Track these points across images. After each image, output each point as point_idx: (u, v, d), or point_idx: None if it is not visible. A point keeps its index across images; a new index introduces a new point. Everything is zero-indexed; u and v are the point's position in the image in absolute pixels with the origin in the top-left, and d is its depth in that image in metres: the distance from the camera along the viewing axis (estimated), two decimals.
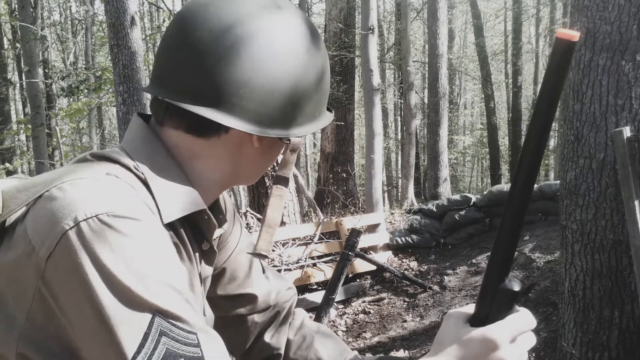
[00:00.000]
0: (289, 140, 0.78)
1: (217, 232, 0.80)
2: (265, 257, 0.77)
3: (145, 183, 0.70)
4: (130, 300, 0.58)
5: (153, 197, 0.69)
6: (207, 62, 0.70)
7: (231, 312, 0.94)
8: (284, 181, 0.80)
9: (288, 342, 0.98)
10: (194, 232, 0.78)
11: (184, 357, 0.59)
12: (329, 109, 0.84)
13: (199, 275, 0.80)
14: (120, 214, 0.61)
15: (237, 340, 0.97)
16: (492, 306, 0.66)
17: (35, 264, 0.61)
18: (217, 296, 0.93)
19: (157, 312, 0.59)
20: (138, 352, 0.57)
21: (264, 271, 0.98)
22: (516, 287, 0.65)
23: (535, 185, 5.20)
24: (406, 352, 3.88)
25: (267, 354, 0.97)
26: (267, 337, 0.97)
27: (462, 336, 0.65)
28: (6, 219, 0.67)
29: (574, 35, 0.57)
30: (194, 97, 0.71)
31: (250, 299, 0.95)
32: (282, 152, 0.81)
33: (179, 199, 0.72)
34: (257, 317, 0.96)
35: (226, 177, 0.79)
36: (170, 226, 0.71)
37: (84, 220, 0.60)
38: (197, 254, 0.79)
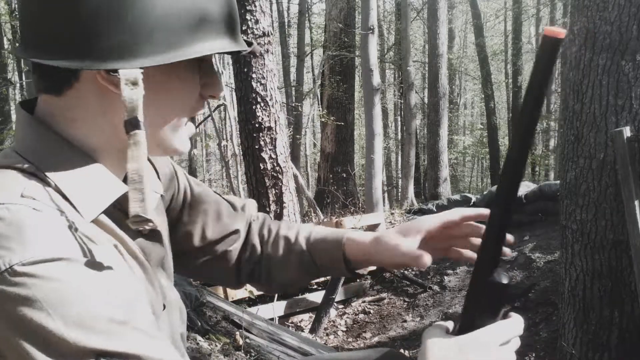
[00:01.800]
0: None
1: (154, 200, 0.75)
2: (148, 221, 0.61)
3: (54, 187, 0.63)
4: (67, 350, 0.53)
5: (69, 201, 0.63)
6: (40, 4, 0.62)
7: (219, 252, 0.98)
8: (134, 125, 0.62)
9: (261, 238, 1.01)
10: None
11: None
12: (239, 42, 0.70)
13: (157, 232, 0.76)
14: (38, 258, 0.54)
15: (226, 269, 1.01)
16: (481, 299, 0.68)
17: None
18: (207, 242, 0.96)
19: (100, 355, 0.54)
20: None
21: (234, 208, 1.00)
22: (504, 280, 0.66)
23: (535, 185, 5.19)
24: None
25: (249, 255, 1.01)
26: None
27: (452, 345, 0.67)
28: None
29: (561, 32, 0.57)
30: (45, 49, 0.63)
31: (235, 236, 0.99)
32: (117, 90, 0.63)
33: (93, 189, 0.65)
34: (238, 245, 1.00)
35: (121, 139, 0.65)
36: (98, 221, 0.65)
37: None
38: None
